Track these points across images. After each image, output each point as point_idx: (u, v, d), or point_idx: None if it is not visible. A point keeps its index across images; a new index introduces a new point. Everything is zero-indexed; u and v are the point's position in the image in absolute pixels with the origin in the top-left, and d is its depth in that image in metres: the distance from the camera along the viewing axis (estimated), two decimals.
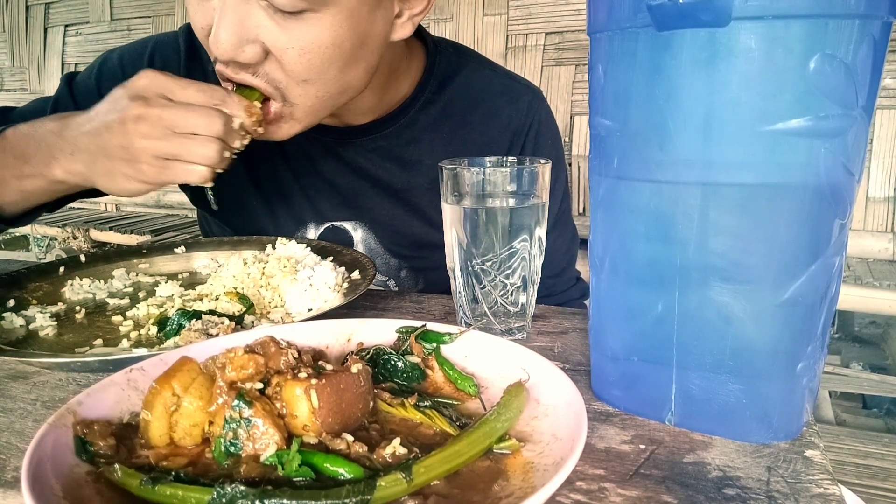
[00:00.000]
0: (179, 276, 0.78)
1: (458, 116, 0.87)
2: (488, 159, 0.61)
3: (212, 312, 0.59)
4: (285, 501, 0.30)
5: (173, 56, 0.85)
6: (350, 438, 0.36)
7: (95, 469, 0.34)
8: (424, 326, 0.47)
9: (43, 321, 0.63)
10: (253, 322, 0.59)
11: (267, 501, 0.30)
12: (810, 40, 0.35)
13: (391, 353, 0.45)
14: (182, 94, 0.59)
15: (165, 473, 0.33)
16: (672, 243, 0.41)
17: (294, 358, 0.39)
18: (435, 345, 0.46)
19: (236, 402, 0.35)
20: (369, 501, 0.31)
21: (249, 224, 0.91)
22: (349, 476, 0.33)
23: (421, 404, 0.41)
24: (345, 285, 0.67)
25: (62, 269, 0.75)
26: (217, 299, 0.64)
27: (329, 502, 0.30)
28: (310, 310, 0.62)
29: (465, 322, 0.60)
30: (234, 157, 0.62)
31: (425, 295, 0.75)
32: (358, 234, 0.91)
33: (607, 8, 0.40)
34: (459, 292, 0.59)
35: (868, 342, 1.99)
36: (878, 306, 1.67)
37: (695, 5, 0.35)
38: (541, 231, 0.57)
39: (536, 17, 2.02)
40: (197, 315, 0.57)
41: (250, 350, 0.39)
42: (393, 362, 0.45)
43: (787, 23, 0.35)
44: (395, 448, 0.35)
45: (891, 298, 1.65)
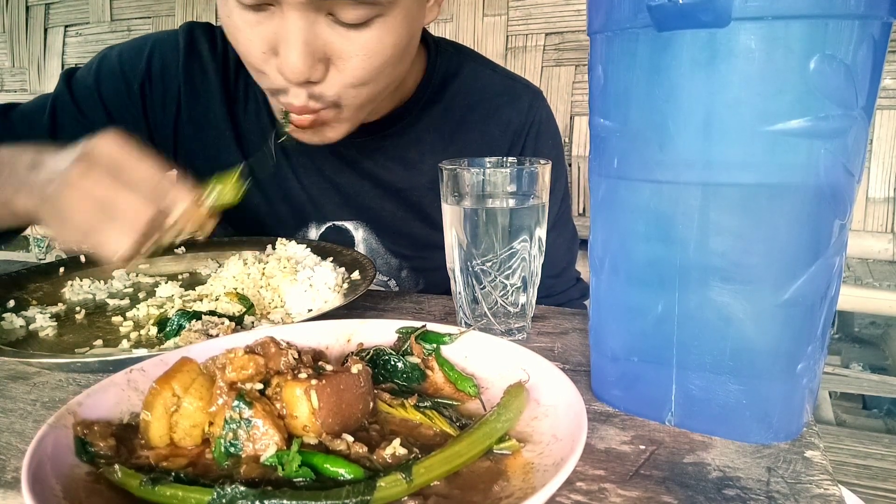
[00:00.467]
0: (179, 277, 0.78)
1: (459, 116, 0.87)
2: (488, 160, 0.61)
3: (212, 313, 0.59)
4: (285, 502, 0.30)
5: (173, 54, 0.84)
6: (350, 439, 0.36)
7: (95, 470, 0.34)
8: (424, 327, 0.47)
9: (43, 321, 0.63)
10: (253, 322, 0.59)
11: (267, 502, 0.30)
12: (810, 41, 0.35)
13: (391, 354, 0.45)
14: (128, 173, 0.54)
15: (165, 474, 0.33)
16: (672, 243, 0.41)
17: (294, 358, 0.39)
18: (435, 345, 0.46)
19: (236, 403, 0.35)
20: (369, 502, 0.31)
21: (250, 223, 0.91)
22: (349, 477, 0.33)
23: (421, 405, 0.41)
24: (345, 286, 0.67)
25: (62, 270, 0.75)
26: (217, 300, 0.64)
27: (329, 503, 0.30)
28: (310, 310, 0.62)
29: (466, 322, 0.60)
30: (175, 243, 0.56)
31: (425, 295, 0.75)
32: (359, 234, 0.90)
33: (607, 8, 0.40)
34: (459, 293, 0.59)
35: (868, 342, 1.98)
36: (878, 306, 1.67)
37: (695, 6, 0.35)
38: (541, 231, 0.57)
39: (536, 18, 2.02)
40: (197, 315, 0.57)
41: (250, 350, 0.39)
42: (393, 363, 0.45)
43: (787, 23, 0.35)
44: (395, 449, 0.35)
45: (891, 298, 1.65)
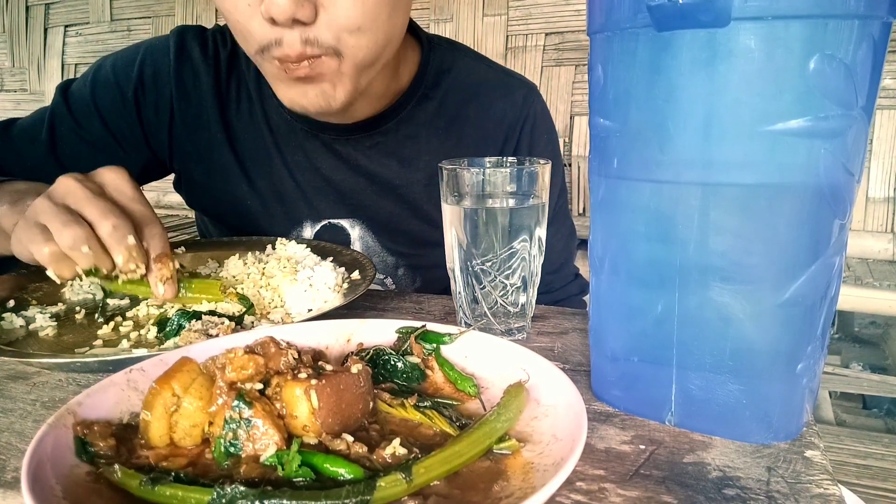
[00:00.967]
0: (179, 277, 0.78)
1: (454, 111, 0.87)
2: (488, 159, 0.61)
3: (212, 313, 0.59)
4: (285, 502, 0.30)
5: (163, 59, 0.85)
6: (350, 439, 0.36)
7: (95, 469, 0.34)
8: (424, 327, 0.47)
9: (43, 322, 0.63)
10: (253, 322, 0.59)
11: (267, 502, 0.30)
12: (810, 41, 0.35)
13: (391, 354, 0.45)
14: (73, 196, 0.57)
15: (165, 474, 0.33)
16: (672, 243, 0.41)
17: (294, 358, 0.39)
18: (435, 345, 0.46)
19: (236, 403, 0.35)
20: (369, 502, 0.31)
21: (246, 222, 0.91)
22: (349, 476, 0.33)
23: (421, 405, 0.41)
24: (345, 286, 0.67)
25: None
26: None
27: (329, 503, 0.30)
28: (310, 310, 0.62)
29: (465, 322, 0.60)
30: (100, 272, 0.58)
31: (425, 295, 0.75)
32: (355, 232, 0.90)
33: (607, 8, 0.40)
34: (459, 293, 0.59)
35: (868, 342, 1.99)
36: (878, 306, 1.67)
37: (695, 6, 0.35)
38: (541, 231, 0.57)
39: (536, 18, 2.02)
40: (197, 315, 0.57)
41: (250, 350, 0.39)
42: (393, 363, 0.45)
43: (787, 23, 0.35)
44: (395, 448, 0.35)
45: (891, 298, 1.65)
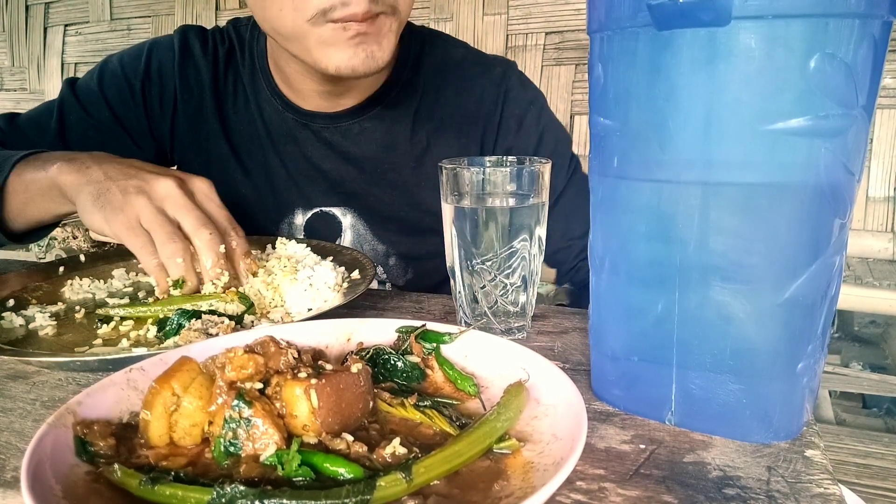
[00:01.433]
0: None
1: (435, 94, 0.89)
2: (488, 159, 0.61)
3: (212, 312, 0.59)
4: (285, 501, 0.30)
5: (168, 56, 0.89)
6: (350, 438, 0.36)
7: (95, 469, 0.34)
8: (424, 326, 0.47)
9: (43, 321, 0.63)
10: (253, 322, 0.59)
11: (266, 501, 0.30)
12: (810, 40, 0.35)
13: (391, 353, 0.45)
14: (172, 202, 0.64)
15: (165, 473, 0.33)
16: (672, 243, 0.40)
17: (294, 358, 0.39)
18: (435, 344, 0.46)
19: (236, 402, 0.35)
20: (369, 501, 0.31)
21: (237, 212, 0.92)
22: (349, 476, 0.33)
23: (421, 404, 0.41)
24: (345, 285, 0.67)
25: (62, 269, 0.75)
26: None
27: (329, 502, 0.30)
28: (310, 309, 0.62)
29: (465, 322, 0.60)
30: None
31: (425, 295, 0.75)
32: (347, 220, 0.91)
33: (607, 7, 0.40)
34: (459, 292, 0.59)
35: (868, 342, 1.98)
36: (878, 306, 1.67)
37: (695, 5, 0.35)
38: (541, 231, 0.57)
39: (536, 17, 2.02)
40: (197, 315, 0.57)
41: (250, 350, 0.39)
42: (393, 362, 0.45)
43: (788, 22, 0.35)
44: (395, 448, 0.35)
45: (891, 298, 1.65)
